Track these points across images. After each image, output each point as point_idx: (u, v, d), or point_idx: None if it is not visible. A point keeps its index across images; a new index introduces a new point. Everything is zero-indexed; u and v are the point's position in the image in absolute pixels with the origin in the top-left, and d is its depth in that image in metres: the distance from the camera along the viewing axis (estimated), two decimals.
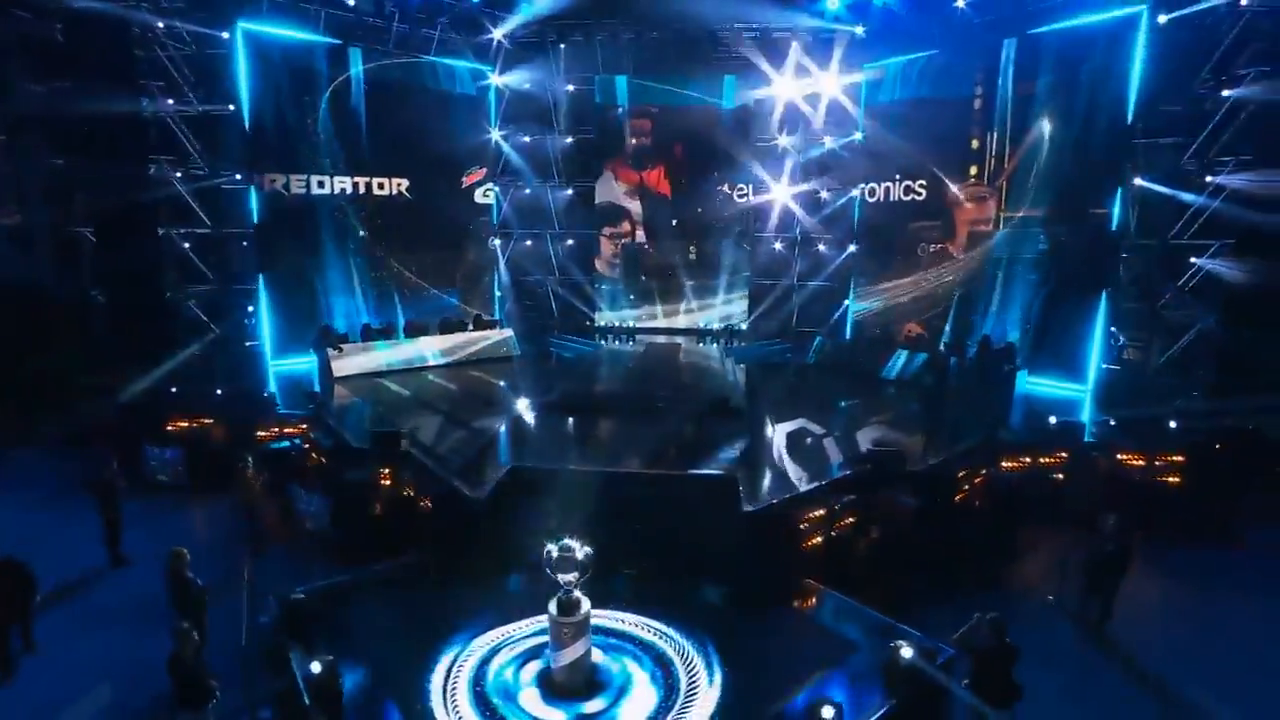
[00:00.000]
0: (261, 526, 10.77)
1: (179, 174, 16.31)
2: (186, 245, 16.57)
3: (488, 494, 9.79)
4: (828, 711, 6.12)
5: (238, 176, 16.70)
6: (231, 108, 16.25)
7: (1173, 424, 12.14)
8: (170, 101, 16.03)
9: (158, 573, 9.79)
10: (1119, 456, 11.35)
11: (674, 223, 21.28)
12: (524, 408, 14.24)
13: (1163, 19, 13.24)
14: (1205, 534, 11.04)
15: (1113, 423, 12.12)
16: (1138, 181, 14.20)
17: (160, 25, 15.42)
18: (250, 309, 17.17)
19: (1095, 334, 14.55)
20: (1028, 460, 11.54)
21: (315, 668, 6.66)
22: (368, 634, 8.11)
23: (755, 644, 7.97)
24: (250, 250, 17.13)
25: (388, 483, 10.52)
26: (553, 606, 7.00)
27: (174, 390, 14.11)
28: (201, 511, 12.40)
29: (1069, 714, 7.48)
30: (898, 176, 17.95)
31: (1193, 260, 13.81)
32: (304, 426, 13.13)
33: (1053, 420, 12.08)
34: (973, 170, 16.68)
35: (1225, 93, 13.20)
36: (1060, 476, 11.46)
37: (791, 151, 19.99)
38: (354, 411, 13.85)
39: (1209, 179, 13.47)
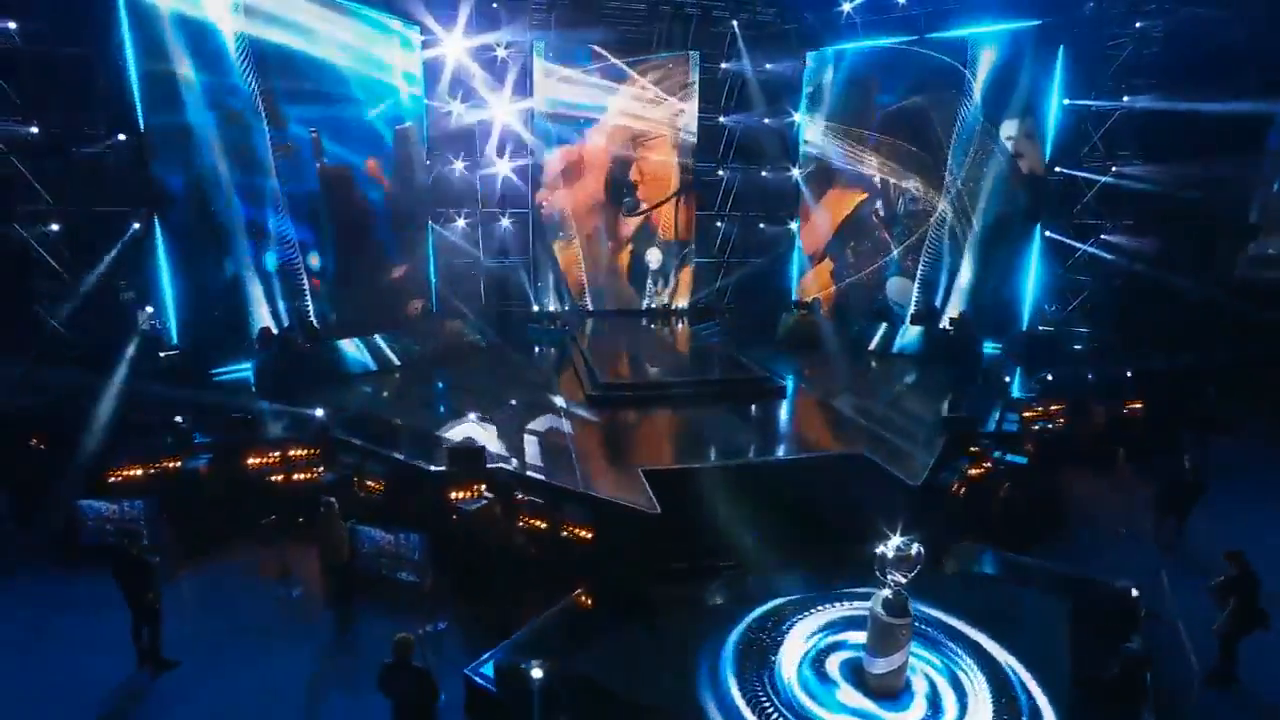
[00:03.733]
0: (353, 581, 8.55)
1: (34, 129, 11.95)
2: (55, 227, 12.24)
3: (659, 506, 8.83)
4: (1135, 641, 6.77)
5: (121, 137, 12.66)
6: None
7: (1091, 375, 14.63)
8: (11, 25, 11.61)
9: (222, 672, 7.50)
10: (1110, 402, 13.51)
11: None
12: (562, 403, 12.95)
13: None
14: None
15: (1093, 376, 14.29)
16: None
17: None
18: (150, 311, 13.26)
19: (1026, 301, 17.17)
20: (1040, 412, 13.26)
21: None
22: (616, 682, 6.96)
23: (987, 606, 8.27)
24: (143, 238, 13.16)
25: (522, 510, 8.98)
26: (879, 607, 6.62)
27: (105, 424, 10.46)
28: (200, 580, 9.39)
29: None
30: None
31: (1103, 238, 16.77)
32: (316, 450, 10.64)
33: (1049, 377, 13.98)
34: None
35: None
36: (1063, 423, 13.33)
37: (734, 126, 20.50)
38: (376, 425, 11.43)
39: (1113, 167, 16.45)
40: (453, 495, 9.24)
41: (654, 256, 21.04)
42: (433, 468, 9.79)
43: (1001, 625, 7.92)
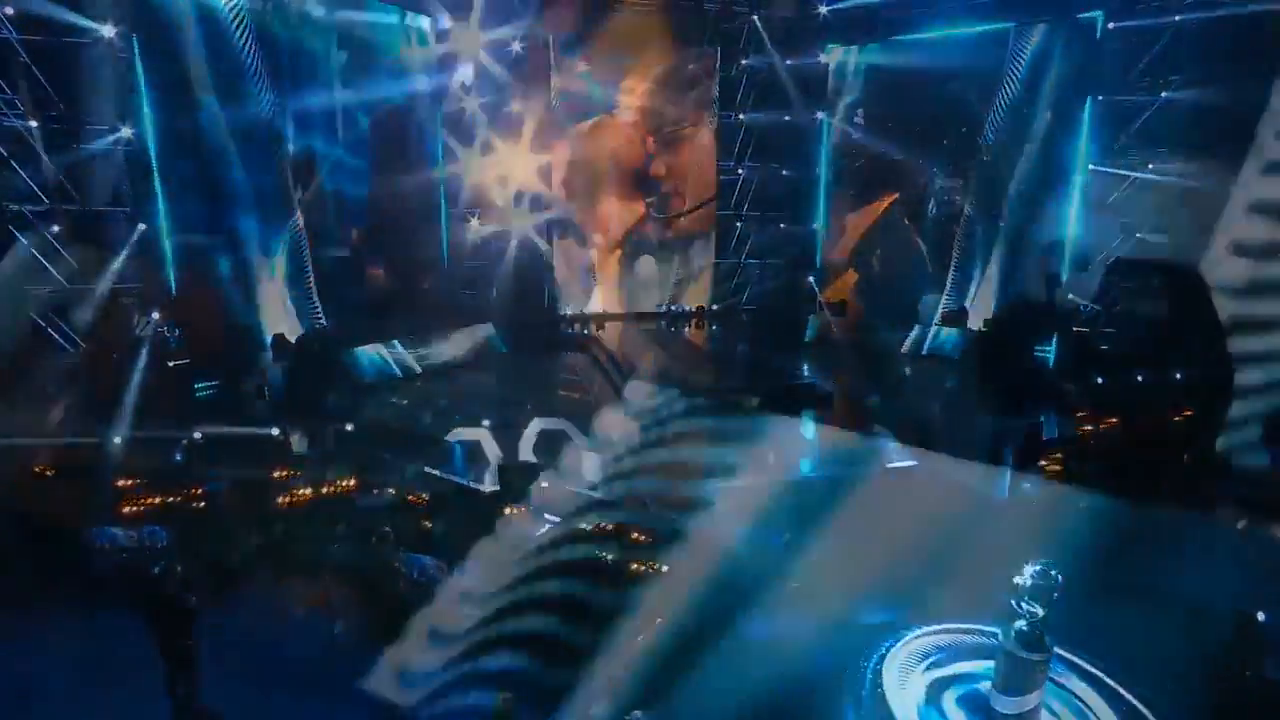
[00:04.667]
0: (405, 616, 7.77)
1: (34, 124, 11.05)
2: (56, 228, 11.32)
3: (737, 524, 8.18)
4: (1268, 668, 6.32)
5: (126, 132, 11.77)
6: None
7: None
8: (9, 11, 10.72)
9: None
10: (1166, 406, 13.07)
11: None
12: (603, 413, 12.22)
13: None
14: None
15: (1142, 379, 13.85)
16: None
17: None
18: (155, 317, 12.36)
19: (1059, 300, 16.74)
20: (1096, 416, 12.80)
21: None
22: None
23: (1094, 632, 7.71)
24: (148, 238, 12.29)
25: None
26: (1012, 642, 6.02)
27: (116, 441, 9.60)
28: (231, 615, 8.39)
29: None
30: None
31: (1138, 236, 16.41)
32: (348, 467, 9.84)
33: (1100, 380, 13.52)
34: None
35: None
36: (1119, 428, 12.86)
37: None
38: (411, 440, 10.62)
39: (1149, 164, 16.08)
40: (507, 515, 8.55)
41: (646, 267, 20.17)
42: (481, 487, 9.06)
43: (1115, 653, 7.37)
